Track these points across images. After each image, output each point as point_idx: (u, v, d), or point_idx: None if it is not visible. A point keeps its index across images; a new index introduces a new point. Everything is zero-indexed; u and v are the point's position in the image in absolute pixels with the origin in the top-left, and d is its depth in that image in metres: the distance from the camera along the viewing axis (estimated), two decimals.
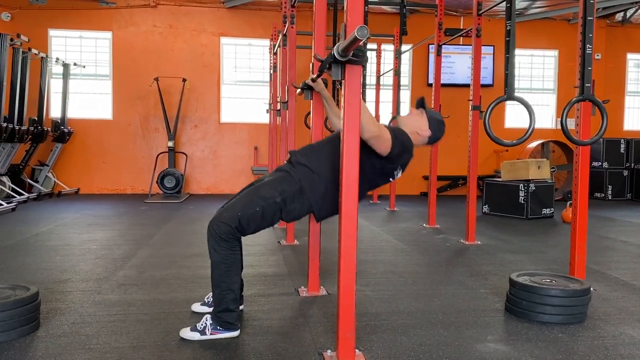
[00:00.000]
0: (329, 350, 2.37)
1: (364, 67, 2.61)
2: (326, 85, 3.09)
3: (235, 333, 2.55)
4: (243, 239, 2.71)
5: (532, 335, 2.63)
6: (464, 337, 2.59)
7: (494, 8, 9.50)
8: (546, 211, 7.01)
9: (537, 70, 10.52)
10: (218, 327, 2.53)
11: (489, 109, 2.28)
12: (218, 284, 2.54)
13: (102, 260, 4.16)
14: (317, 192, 2.61)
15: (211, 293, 2.69)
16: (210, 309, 2.71)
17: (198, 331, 2.52)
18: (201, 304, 2.95)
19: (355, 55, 2.18)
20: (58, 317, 2.78)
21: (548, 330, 2.69)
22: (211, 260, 2.57)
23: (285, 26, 5.12)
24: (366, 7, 5.07)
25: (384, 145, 2.47)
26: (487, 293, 3.39)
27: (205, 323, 2.53)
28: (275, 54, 7.44)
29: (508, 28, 2.41)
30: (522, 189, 6.92)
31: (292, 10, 4.82)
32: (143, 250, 4.57)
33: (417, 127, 2.73)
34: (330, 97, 3.10)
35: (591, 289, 3.41)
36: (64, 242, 4.91)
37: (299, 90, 3.31)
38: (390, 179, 2.75)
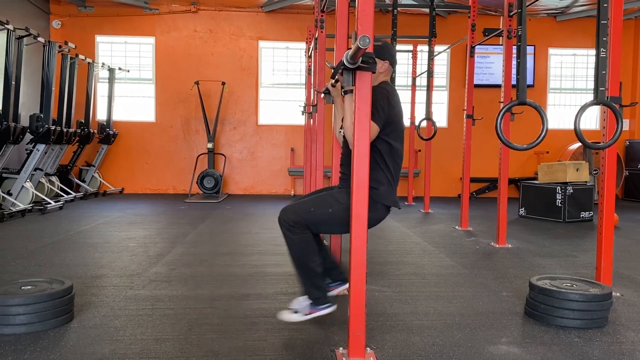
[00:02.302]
0: (341, 348, 2.44)
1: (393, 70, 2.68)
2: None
3: (330, 308, 2.71)
4: (273, 240, 2.87)
5: (548, 339, 2.63)
6: (478, 339, 2.61)
7: (535, 8, 9.36)
8: (585, 214, 6.85)
9: (580, 70, 10.25)
10: (311, 306, 2.69)
11: (501, 113, 2.29)
12: (299, 265, 2.71)
13: (138, 257, 4.36)
14: (383, 194, 2.72)
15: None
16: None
17: (295, 313, 2.70)
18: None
19: (365, 62, 2.26)
20: (91, 310, 2.96)
21: (565, 335, 2.68)
22: (287, 245, 2.73)
23: (316, 30, 5.21)
24: (395, 11, 5.12)
25: (372, 133, 2.52)
26: (509, 296, 3.38)
27: (299, 304, 2.71)
28: (310, 57, 7.55)
29: (519, 33, 2.42)
30: (560, 192, 6.79)
31: (322, 15, 4.91)
32: (177, 248, 4.76)
33: (377, 72, 2.74)
34: (340, 101, 3.13)
35: (616, 293, 3.37)
36: (104, 240, 5.16)
37: (322, 94, 3.39)
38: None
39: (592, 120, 10.10)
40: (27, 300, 2.62)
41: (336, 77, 2.86)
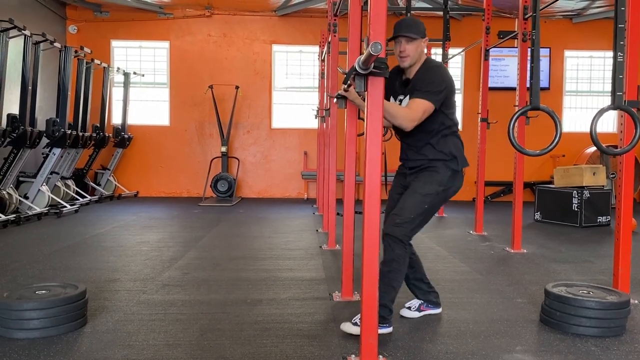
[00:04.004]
0: (353, 355, 2.43)
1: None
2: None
3: (388, 330, 2.73)
4: (286, 244, 2.87)
5: (564, 347, 2.58)
6: (492, 347, 2.58)
7: (550, 10, 9.26)
8: (602, 219, 6.75)
9: (597, 73, 10.12)
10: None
11: (514, 118, 2.26)
12: (383, 279, 2.65)
13: (151, 261, 4.38)
14: (462, 159, 2.84)
15: (418, 300, 3.08)
16: (417, 314, 3.03)
17: (356, 325, 2.70)
18: (412, 309, 3.08)
19: (377, 68, 2.24)
20: (104, 315, 2.97)
21: (581, 343, 2.63)
22: (384, 257, 2.71)
23: (329, 34, 5.20)
24: (408, 14, 5.09)
25: (428, 113, 2.70)
26: (523, 303, 3.33)
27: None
28: (323, 60, 7.55)
29: (533, 37, 2.39)
30: (576, 196, 6.70)
31: (335, 19, 4.91)
32: (190, 252, 4.77)
33: (422, 49, 2.79)
34: (364, 104, 3.15)
35: (634, 301, 3.31)
36: (118, 244, 5.19)
37: (335, 99, 3.38)
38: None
39: (609, 123, 9.96)
40: (41, 305, 2.64)
41: (348, 82, 2.85)
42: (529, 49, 2.33)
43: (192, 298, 3.34)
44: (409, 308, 3.06)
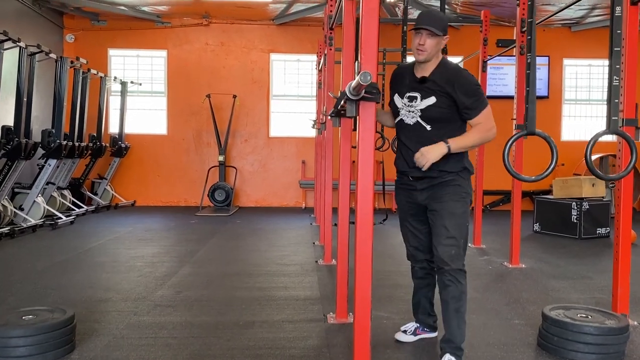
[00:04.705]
0: None
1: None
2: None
3: None
4: (282, 258, 2.82)
5: None
6: None
7: (549, 19, 9.23)
8: (601, 231, 6.69)
9: (596, 81, 10.07)
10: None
11: (509, 144, 2.22)
12: (458, 316, 2.59)
13: (144, 278, 4.32)
14: (467, 159, 2.71)
15: (414, 324, 3.00)
16: (413, 338, 2.96)
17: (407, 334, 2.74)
18: (407, 333, 2.99)
19: (369, 93, 2.19)
20: (93, 339, 2.91)
21: None
22: (451, 292, 2.57)
23: (325, 47, 5.16)
24: (405, 27, 5.04)
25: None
26: (521, 325, 3.28)
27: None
28: (320, 71, 7.51)
29: (528, 61, 2.34)
30: (575, 207, 6.64)
31: (331, 32, 4.86)
32: (184, 268, 4.71)
33: (440, 47, 2.63)
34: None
35: (633, 322, 3.25)
36: (112, 259, 5.14)
37: (329, 117, 3.34)
38: None
39: (574, 131, 9.93)
40: (27, 332, 2.59)
41: (335, 109, 2.80)
42: (525, 72, 2.28)
43: (183, 320, 3.28)
44: (405, 332, 3.00)
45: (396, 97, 2.73)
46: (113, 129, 9.58)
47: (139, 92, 9.76)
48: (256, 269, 4.75)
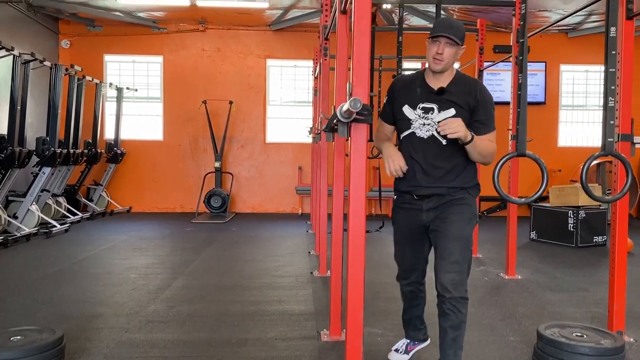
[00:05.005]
0: None
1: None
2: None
3: None
4: (277, 269, 2.77)
5: None
6: None
7: (544, 23, 9.21)
8: (598, 239, 6.67)
9: (593, 87, 10.06)
10: None
11: (499, 165, 2.18)
12: (456, 345, 2.48)
13: (137, 291, 4.28)
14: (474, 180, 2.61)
15: (404, 340, 2.95)
16: (406, 357, 2.89)
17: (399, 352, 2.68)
18: (400, 352, 2.92)
19: (360, 114, 2.16)
20: (83, 359, 2.87)
21: None
22: (452, 321, 2.46)
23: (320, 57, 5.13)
24: (400, 37, 5.03)
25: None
26: (516, 342, 3.25)
27: None
28: (316, 78, 7.48)
29: (520, 82, 2.32)
30: (572, 216, 6.62)
31: (326, 43, 4.83)
32: (178, 280, 4.67)
33: (457, 57, 2.50)
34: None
35: (629, 339, 3.23)
36: (106, 270, 5.10)
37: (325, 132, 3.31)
38: None
39: (570, 137, 9.94)
40: (15, 355, 2.54)
41: (327, 129, 2.76)
42: (517, 93, 2.25)
43: (175, 337, 3.25)
44: (397, 350, 2.97)
45: (406, 109, 2.55)
46: (109, 134, 9.54)
47: (134, 98, 9.72)
48: (250, 281, 4.71)
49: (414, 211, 2.58)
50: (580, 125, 10.08)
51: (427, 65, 2.56)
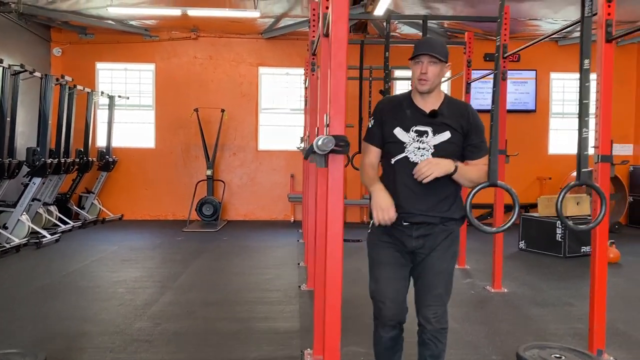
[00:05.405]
0: None
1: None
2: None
3: None
4: (265, 283, 2.72)
5: None
6: None
7: (535, 33, 9.29)
8: (586, 249, 6.71)
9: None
10: None
11: (471, 195, 2.20)
12: None
13: (124, 307, 4.30)
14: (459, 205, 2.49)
15: None
16: None
17: None
18: None
19: (338, 146, 2.19)
20: None
21: None
22: (434, 352, 2.47)
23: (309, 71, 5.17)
24: (387, 53, 5.05)
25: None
26: None
27: None
28: (307, 87, 7.51)
29: (492, 112, 2.35)
30: (560, 226, 6.67)
31: (313, 58, 4.86)
32: (166, 295, 4.69)
33: (442, 75, 2.44)
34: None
35: (609, 357, 3.26)
36: (95, 283, 5.11)
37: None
38: None
39: (560, 144, 10.03)
40: None
41: (306, 158, 2.75)
42: (490, 124, 2.28)
43: (159, 358, 3.26)
44: None
45: (399, 131, 2.42)
46: (101, 142, 9.53)
47: (126, 106, 9.73)
48: (238, 295, 4.73)
49: (401, 237, 2.45)
50: (570, 132, 10.13)
51: (413, 86, 2.48)
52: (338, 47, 2.18)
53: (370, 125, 2.53)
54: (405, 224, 2.42)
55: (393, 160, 2.44)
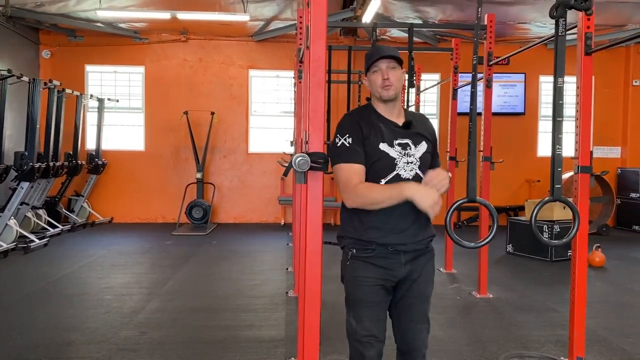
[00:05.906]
0: None
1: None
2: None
3: None
4: (252, 289, 2.69)
5: None
6: None
7: (525, 36, 9.36)
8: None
9: (572, 97, 10.16)
10: None
11: (450, 211, 2.24)
12: None
13: (111, 315, 4.31)
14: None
15: None
16: None
17: None
18: None
19: (316, 163, 2.21)
20: None
21: None
22: None
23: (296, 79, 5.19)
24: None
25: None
26: None
27: None
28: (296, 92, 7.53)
29: (470, 129, 2.39)
30: (547, 230, 6.73)
31: (300, 65, 4.88)
32: (153, 302, 4.70)
33: (402, 81, 2.32)
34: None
35: None
36: (82, 290, 5.11)
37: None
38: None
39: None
40: None
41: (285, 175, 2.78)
42: (468, 141, 2.31)
43: None
44: None
45: (385, 147, 2.23)
46: (91, 145, 9.51)
47: (116, 108, 9.71)
48: (224, 302, 4.75)
49: (390, 266, 2.23)
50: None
51: (377, 96, 2.29)
52: (316, 67, 2.20)
53: (346, 144, 2.23)
54: (390, 250, 2.22)
55: (383, 182, 2.21)
